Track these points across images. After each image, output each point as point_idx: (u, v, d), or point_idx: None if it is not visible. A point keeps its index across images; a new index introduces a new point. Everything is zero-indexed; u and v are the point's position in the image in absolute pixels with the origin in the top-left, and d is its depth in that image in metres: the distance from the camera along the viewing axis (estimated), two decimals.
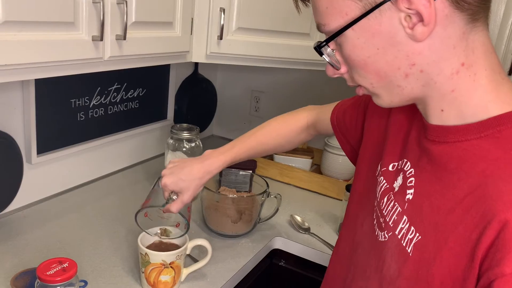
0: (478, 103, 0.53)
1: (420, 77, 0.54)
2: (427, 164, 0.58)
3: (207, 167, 0.94)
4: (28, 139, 1.15)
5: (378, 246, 0.63)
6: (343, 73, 0.60)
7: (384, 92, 0.57)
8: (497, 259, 0.46)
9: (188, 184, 0.91)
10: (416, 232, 0.56)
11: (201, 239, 0.97)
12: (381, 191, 0.65)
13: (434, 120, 0.57)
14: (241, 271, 1.06)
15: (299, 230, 1.23)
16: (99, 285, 0.93)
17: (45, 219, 1.16)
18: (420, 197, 0.57)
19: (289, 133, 1.02)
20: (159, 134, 1.62)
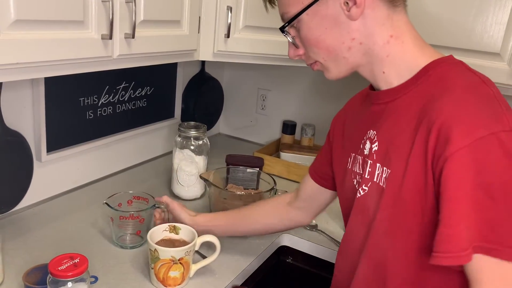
0: (409, 61, 0.70)
1: (360, 48, 0.70)
2: (385, 121, 0.73)
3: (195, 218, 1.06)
4: (38, 137, 1.17)
5: (361, 201, 0.76)
6: (301, 54, 0.75)
7: (333, 64, 0.73)
8: (441, 151, 0.60)
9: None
10: (387, 169, 0.70)
11: (210, 235, 0.98)
12: (360, 165, 0.78)
13: (381, 84, 0.73)
14: (249, 268, 1.06)
15: (306, 227, 1.23)
16: (109, 281, 0.94)
17: (55, 216, 1.17)
18: (384, 144, 0.72)
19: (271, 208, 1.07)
20: (167, 133, 1.63)
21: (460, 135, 0.59)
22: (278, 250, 1.21)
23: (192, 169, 1.29)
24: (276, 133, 1.81)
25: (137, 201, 1.11)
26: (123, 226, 1.05)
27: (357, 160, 0.80)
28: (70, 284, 0.75)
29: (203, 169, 1.31)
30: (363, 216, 0.76)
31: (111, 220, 1.05)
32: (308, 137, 1.69)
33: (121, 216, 1.03)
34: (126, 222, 1.04)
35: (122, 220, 1.04)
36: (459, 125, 0.60)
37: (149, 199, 1.10)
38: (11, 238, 1.05)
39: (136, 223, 1.05)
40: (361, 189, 0.76)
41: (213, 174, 1.21)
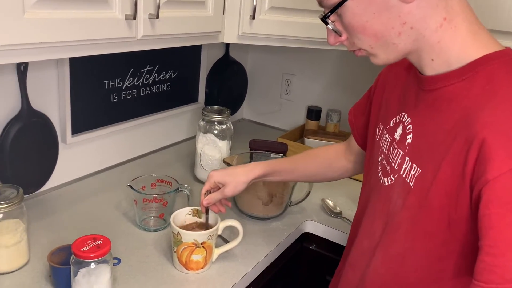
0: (459, 50, 0.63)
1: (411, 33, 0.63)
2: (422, 110, 0.68)
3: (249, 169, 0.97)
4: (63, 119, 1.17)
5: (384, 190, 0.73)
6: (344, 40, 0.69)
7: (381, 51, 0.66)
8: (481, 171, 0.56)
9: (232, 179, 0.94)
10: (417, 167, 0.66)
11: (233, 220, 0.97)
12: (387, 145, 0.75)
13: (427, 70, 0.66)
14: (271, 253, 1.05)
15: (330, 214, 1.21)
16: (132, 263, 0.94)
17: (80, 198, 1.18)
18: (417, 139, 0.68)
19: (327, 156, 1.02)
20: (191, 117, 1.62)
21: (504, 157, 0.55)
22: (301, 237, 1.20)
23: (215, 154, 1.28)
24: (301, 118, 1.78)
25: (161, 184, 1.10)
26: (146, 209, 1.05)
27: (384, 136, 0.76)
28: (93, 265, 0.75)
29: (226, 153, 1.30)
30: (384, 206, 0.73)
31: (135, 203, 1.05)
32: (334, 123, 1.65)
33: (145, 199, 1.03)
34: (149, 205, 1.04)
35: (146, 203, 1.04)
36: (503, 144, 0.55)
37: (172, 183, 1.09)
38: (37, 219, 1.06)
39: (160, 206, 1.05)
40: (389, 178, 0.72)
41: (236, 158, 1.19)
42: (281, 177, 0.99)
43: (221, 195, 0.95)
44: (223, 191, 0.94)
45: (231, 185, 0.94)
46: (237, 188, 0.95)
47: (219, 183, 0.96)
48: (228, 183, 0.94)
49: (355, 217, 0.86)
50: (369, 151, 0.84)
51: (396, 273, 0.69)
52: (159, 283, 0.90)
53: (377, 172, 0.76)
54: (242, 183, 0.95)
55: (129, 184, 1.04)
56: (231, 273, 0.95)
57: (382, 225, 0.72)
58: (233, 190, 0.95)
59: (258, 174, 0.96)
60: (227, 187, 0.94)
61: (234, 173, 0.96)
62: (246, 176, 0.95)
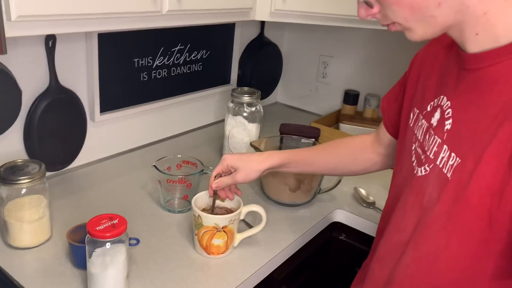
0: (510, 23, 0.55)
1: (452, 4, 0.56)
2: (463, 92, 0.61)
3: (265, 157, 0.92)
4: (91, 96, 1.16)
5: (417, 181, 0.66)
6: (376, 13, 0.62)
7: (417, 25, 0.59)
8: None
9: (245, 165, 0.89)
10: (456, 157, 0.59)
11: (256, 205, 0.92)
12: (423, 131, 0.67)
13: (471, 47, 0.59)
14: (297, 242, 1.00)
15: (362, 204, 1.15)
16: (152, 244, 0.92)
17: (106, 177, 1.18)
18: (457, 125, 0.61)
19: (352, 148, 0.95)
20: (222, 99, 1.58)
21: None
22: (330, 226, 1.14)
23: (244, 137, 1.24)
24: (337, 103, 1.71)
25: (186, 165, 1.08)
26: (170, 190, 1.03)
27: (420, 122, 0.69)
28: (109, 245, 0.73)
29: (255, 137, 1.26)
30: (416, 198, 0.66)
31: (159, 184, 1.03)
32: (372, 109, 1.57)
33: (169, 179, 1.01)
34: (173, 186, 1.02)
35: (170, 184, 1.01)
36: None
37: (197, 164, 1.06)
38: (62, 196, 1.06)
39: (184, 187, 1.02)
40: (424, 168, 0.65)
41: (264, 142, 1.14)
42: (298, 168, 0.94)
43: (232, 180, 0.90)
44: (234, 177, 0.89)
45: (243, 172, 0.89)
46: (249, 175, 0.90)
47: (232, 168, 0.91)
48: (241, 168, 0.89)
49: (384, 209, 0.80)
50: (401, 138, 0.77)
51: (429, 272, 0.62)
52: (178, 265, 0.87)
53: (410, 161, 0.69)
54: (256, 171, 0.90)
55: (154, 164, 1.02)
56: (253, 260, 0.91)
57: (415, 219, 0.65)
58: (244, 177, 0.89)
59: (273, 164, 0.91)
60: (239, 173, 0.89)
61: (248, 159, 0.91)
62: (260, 164, 0.90)
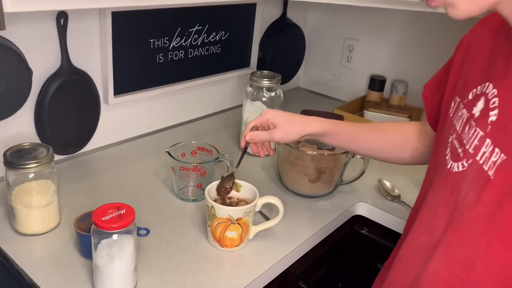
0: None
1: None
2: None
3: (308, 121, 0.87)
4: (105, 78, 1.12)
5: (452, 177, 0.59)
6: None
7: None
8: None
9: (286, 123, 0.85)
10: (500, 153, 0.52)
11: (272, 197, 0.87)
12: (462, 122, 0.61)
13: None
14: (316, 236, 0.95)
15: (387, 197, 1.08)
16: (164, 234, 0.88)
17: (120, 162, 1.14)
18: (504, 116, 0.53)
19: (401, 132, 0.87)
20: (241, 83, 1.52)
21: None
22: (352, 219, 1.08)
23: None
24: (362, 89, 1.63)
25: (201, 152, 1.03)
26: (184, 178, 0.98)
27: (460, 111, 0.61)
28: (116, 237, 0.68)
29: None
30: (450, 196, 0.59)
31: (173, 171, 0.98)
32: (399, 95, 1.49)
33: (182, 167, 0.96)
34: (187, 173, 0.97)
35: (183, 172, 0.97)
36: None
37: (213, 152, 1.01)
38: (74, 181, 1.03)
39: (198, 175, 0.98)
40: (460, 163, 0.58)
41: None
42: (339, 142, 0.87)
43: (268, 136, 0.86)
44: (272, 133, 0.85)
45: (283, 130, 0.85)
46: (288, 135, 0.85)
47: (272, 124, 0.86)
48: (281, 126, 0.85)
49: (415, 205, 0.73)
50: (439, 128, 0.69)
51: (464, 281, 0.55)
52: (189, 258, 0.83)
53: (444, 154, 0.62)
54: (296, 133, 0.85)
55: (167, 150, 0.98)
56: (269, 254, 0.86)
57: (447, 220, 0.58)
58: (283, 136, 0.85)
59: (316, 130, 0.85)
60: (278, 130, 0.85)
61: (291, 118, 0.86)
62: (302, 127, 0.85)
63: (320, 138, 0.87)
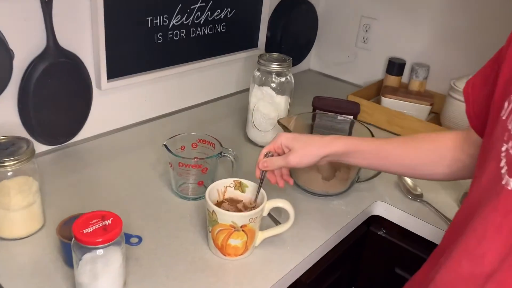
0: None
1: None
2: None
3: (326, 141, 0.76)
4: (97, 60, 1.01)
5: (507, 196, 0.48)
6: None
7: None
8: None
9: (301, 146, 0.76)
10: None
11: (282, 201, 0.77)
12: None
13: None
14: (330, 241, 0.85)
15: (408, 196, 0.98)
16: (160, 239, 0.79)
17: (113, 153, 1.04)
18: None
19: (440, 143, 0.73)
20: (247, 66, 1.40)
21: None
22: (368, 219, 0.98)
23: (271, 111, 1.07)
24: (379, 72, 1.50)
25: (203, 145, 0.92)
26: (183, 175, 0.88)
27: None
28: (101, 251, 0.59)
29: (284, 112, 1.08)
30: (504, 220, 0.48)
31: (170, 166, 0.88)
32: (419, 81, 1.37)
33: (181, 163, 0.86)
34: (186, 170, 0.87)
35: (182, 168, 0.86)
36: None
37: (215, 145, 0.91)
38: (62, 175, 0.94)
39: (198, 172, 0.88)
40: None
41: (294, 120, 0.98)
42: (366, 160, 0.76)
43: (283, 161, 0.76)
44: (287, 158, 0.76)
45: (298, 154, 0.75)
46: (304, 159, 0.75)
47: (286, 147, 0.77)
48: (296, 149, 0.75)
49: (453, 223, 0.62)
50: (488, 134, 0.57)
51: None
52: (188, 268, 0.73)
53: (497, 167, 0.51)
54: (313, 155, 0.75)
55: (164, 143, 0.87)
56: (277, 264, 0.77)
57: (500, 248, 0.48)
58: (298, 160, 0.75)
59: (336, 150, 0.75)
60: (293, 154, 0.75)
61: (306, 140, 0.77)
62: (320, 148, 0.75)
63: (342, 158, 0.76)
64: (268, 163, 0.78)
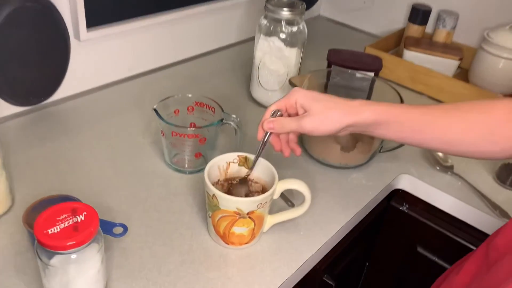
0: None
1: None
2: None
3: (354, 107, 0.60)
4: (73, 6, 0.85)
5: None
6: None
7: None
8: None
9: (321, 109, 0.60)
10: None
11: (297, 182, 0.64)
12: None
13: None
14: (349, 223, 0.73)
15: (436, 167, 0.85)
16: (150, 223, 0.67)
17: (95, 116, 0.89)
18: None
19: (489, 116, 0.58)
20: (252, 11, 1.22)
21: None
22: (389, 194, 0.86)
23: (280, 67, 0.92)
24: (400, 20, 1.33)
25: (200, 108, 0.78)
26: (177, 145, 0.75)
27: None
28: (75, 256, 0.46)
29: (294, 68, 0.93)
30: None
31: (162, 135, 0.75)
32: (446, 31, 1.20)
33: (174, 132, 0.72)
34: (180, 140, 0.73)
35: (176, 138, 0.73)
36: None
37: (215, 109, 0.76)
38: (36, 142, 0.80)
39: (195, 143, 0.74)
40: None
41: (308, 79, 0.83)
42: (400, 134, 0.61)
43: (296, 125, 0.61)
44: (301, 121, 0.60)
45: (316, 118, 0.59)
46: (322, 126, 0.60)
47: (302, 107, 0.61)
48: (314, 112, 0.59)
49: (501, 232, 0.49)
50: None
51: None
52: (184, 259, 0.62)
53: None
54: (334, 123, 0.59)
55: (155, 106, 0.73)
56: (289, 253, 0.65)
57: None
58: (315, 126, 0.60)
59: (365, 119, 0.59)
60: (309, 118, 0.59)
61: (328, 103, 0.60)
62: (344, 115, 0.59)
63: (370, 129, 0.61)
64: (276, 123, 0.62)
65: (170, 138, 0.73)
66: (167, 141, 0.75)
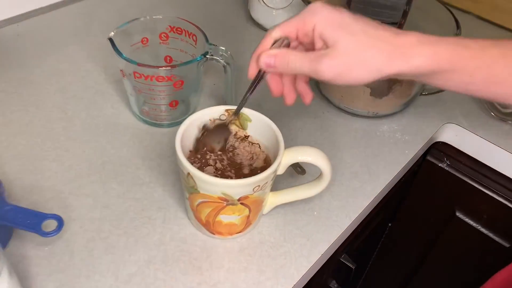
0: None
1: None
2: None
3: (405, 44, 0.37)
4: None
5: None
6: None
7: None
8: None
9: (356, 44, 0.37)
10: None
11: (313, 152, 0.44)
12: None
13: None
14: (379, 196, 0.55)
15: (491, 113, 0.65)
16: (108, 204, 0.48)
17: (48, 43, 0.68)
18: None
19: None
20: None
21: None
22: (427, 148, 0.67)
23: None
24: None
25: (178, 36, 0.56)
26: (144, 91, 0.54)
27: None
28: None
29: None
30: None
31: (123, 76, 0.54)
32: None
33: (137, 72, 0.51)
34: (147, 84, 0.52)
35: (141, 81, 0.52)
36: None
37: (197, 37, 0.55)
38: None
39: (170, 88, 0.53)
40: None
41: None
42: (465, 85, 0.39)
43: (309, 67, 0.39)
44: (317, 64, 0.38)
45: (342, 61, 0.38)
46: (351, 74, 0.38)
47: (321, 37, 0.39)
48: (340, 51, 0.37)
49: None
50: None
51: None
52: (150, 256, 0.45)
53: None
54: (370, 71, 0.38)
55: (110, 35, 0.52)
56: (298, 244, 0.47)
57: None
58: (339, 73, 0.38)
59: (417, 67, 0.37)
60: (331, 59, 0.38)
61: (365, 36, 0.37)
62: (387, 60, 0.37)
63: (424, 79, 0.40)
64: (279, 59, 0.40)
65: (133, 81, 0.53)
66: (130, 85, 0.54)
